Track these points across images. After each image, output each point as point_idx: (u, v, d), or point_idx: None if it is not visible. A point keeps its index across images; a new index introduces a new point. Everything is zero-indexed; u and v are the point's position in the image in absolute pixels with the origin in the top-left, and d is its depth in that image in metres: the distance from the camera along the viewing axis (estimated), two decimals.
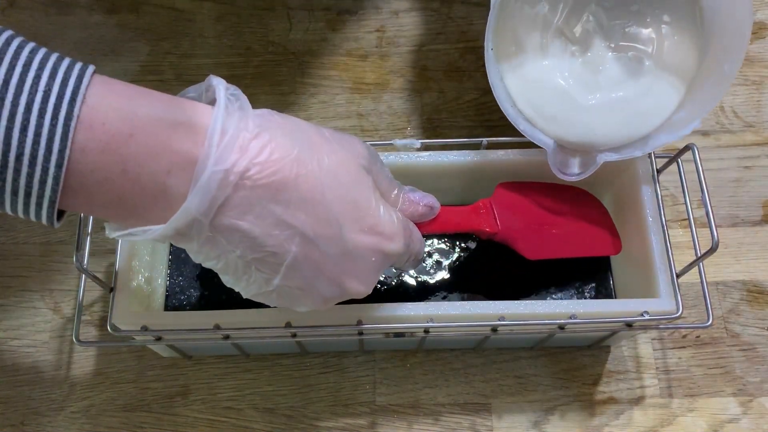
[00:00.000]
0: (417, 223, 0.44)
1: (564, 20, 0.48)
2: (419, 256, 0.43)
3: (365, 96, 0.63)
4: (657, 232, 0.47)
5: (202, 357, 0.54)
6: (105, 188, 0.31)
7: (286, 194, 0.34)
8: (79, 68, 0.31)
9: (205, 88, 0.35)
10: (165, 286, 0.53)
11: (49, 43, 0.64)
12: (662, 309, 0.44)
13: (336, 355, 0.54)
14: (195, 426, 0.52)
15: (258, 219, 0.33)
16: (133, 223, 0.33)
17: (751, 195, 0.59)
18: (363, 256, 0.37)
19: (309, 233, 0.35)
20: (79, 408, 0.52)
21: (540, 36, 0.47)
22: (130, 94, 0.32)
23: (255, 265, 0.35)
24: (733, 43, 0.43)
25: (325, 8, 0.66)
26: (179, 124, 0.32)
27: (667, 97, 0.46)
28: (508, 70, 0.47)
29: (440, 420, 0.52)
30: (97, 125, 0.30)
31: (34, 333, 0.55)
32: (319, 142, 0.36)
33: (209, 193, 0.32)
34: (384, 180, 0.41)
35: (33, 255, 0.57)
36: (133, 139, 0.31)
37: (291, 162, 0.34)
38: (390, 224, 0.38)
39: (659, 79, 0.46)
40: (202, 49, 0.64)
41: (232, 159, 0.32)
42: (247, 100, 0.35)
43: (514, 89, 0.47)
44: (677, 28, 0.47)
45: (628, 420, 0.52)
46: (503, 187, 0.49)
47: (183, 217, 0.32)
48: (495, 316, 0.44)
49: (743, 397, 0.52)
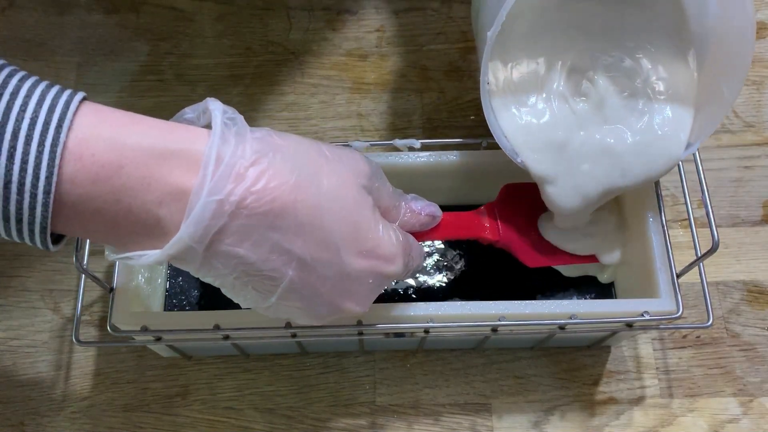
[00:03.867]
0: (419, 231, 0.43)
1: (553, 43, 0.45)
2: (419, 268, 0.43)
3: (365, 96, 0.63)
4: (657, 232, 0.47)
5: (202, 357, 0.54)
6: (98, 217, 0.31)
7: (284, 221, 0.33)
8: (67, 95, 0.31)
9: (203, 110, 0.35)
10: (165, 286, 0.53)
11: (49, 43, 0.64)
12: (662, 309, 0.44)
13: (336, 355, 0.54)
14: (195, 426, 0.52)
15: (255, 245, 0.33)
16: (131, 248, 0.33)
17: (751, 195, 0.59)
18: (361, 278, 0.37)
19: (306, 258, 0.34)
20: (79, 408, 0.52)
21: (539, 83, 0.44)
22: (121, 123, 0.31)
23: (252, 285, 0.35)
24: (733, 66, 0.40)
25: (325, 8, 0.66)
26: (171, 154, 0.31)
27: (675, 135, 0.43)
28: (504, 109, 0.44)
29: (440, 420, 0.52)
30: (87, 156, 0.30)
31: (34, 333, 0.55)
32: (319, 163, 0.36)
33: (203, 222, 0.31)
34: (386, 194, 0.40)
35: (33, 255, 0.57)
36: (124, 171, 0.30)
37: (289, 188, 0.33)
38: (389, 246, 0.38)
39: (664, 115, 0.44)
40: (202, 49, 0.64)
41: (228, 188, 0.31)
42: (245, 123, 0.34)
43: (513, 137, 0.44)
44: (669, 62, 0.44)
45: (629, 420, 0.52)
46: (508, 189, 0.49)
47: (177, 245, 0.32)
48: (495, 316, 0.44)
49: (743, 397, 0.52)
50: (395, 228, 0.40)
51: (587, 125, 0.44)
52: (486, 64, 0.40)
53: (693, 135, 0.44)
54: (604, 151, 0.43)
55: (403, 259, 0.39)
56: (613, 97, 0.44)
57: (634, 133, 0.44)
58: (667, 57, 0.44)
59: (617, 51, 0.45)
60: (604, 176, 0.44)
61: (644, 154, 0.43)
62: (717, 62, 0.42)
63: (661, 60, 0.44)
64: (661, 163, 0.43)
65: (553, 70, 0.45)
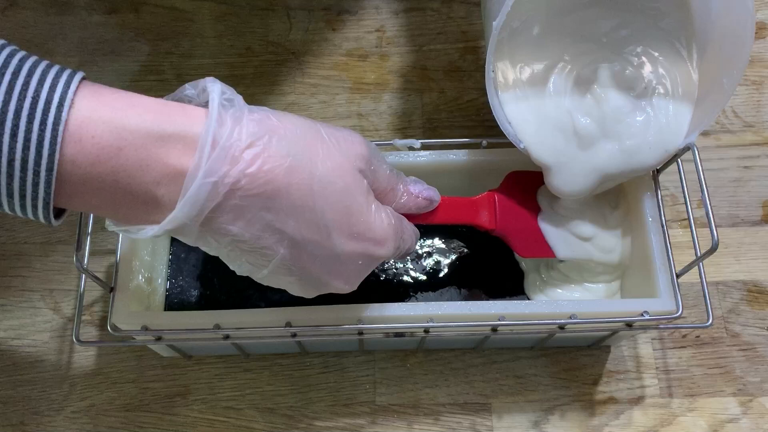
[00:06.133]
0: (415, 214, 0.44)
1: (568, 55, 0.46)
2: (411, 250, 0.43)
3: (365, 96, 0.63)
4: (657, 232, 0.47)
5: (202, 357, 0.54)
6: (98, 195, 0.32)
7: (276, 202, 0.34)
8: (67, 75, 0.31)
9: (202, 88, 0.35)
10: (165, 286, 0.53)
11: (49, 43, 0.64)
12: (662, 309, 0.44)
13: (336, 355, 0.54)
14: (195, 426, 0.52)
15: (248, 224, 0.34)
16: (131, 221, 0.34)
17: (751, 195, 0.59)
18: (351, 259, 0.38)
19: (298, 238, 0.36)
20: (79, 408, 0.52)
21: (544, 68, 0.46)
22: (121, 104, 0.32)
23: (245, 258, 0.36)
24: (733, 58, 0.42)
25: (325, 8, 0.66)
26: (169, 136, 0.32)
27: (675, 126, 0.45)
28: (510, 100, 0.46)
29: (440, 420, 0.52)
30: (87, 138, 0.31)
31: (34, 333, 0.55)
32: (315, 145, 0.36)
33: (198, 202, 0.32)
34: (382, 177, 0.41)
35: (33, 255, 0.57)
36: (123, 153, 0.31)
37: (284, 171, 0.34)
38: (380, 230, 0.39)
39: (664, 109, 0.46)
40: (202, 49, 0.64)
41: (223, 170, 0.32)
42: (243, 103, 0.35)
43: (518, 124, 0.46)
44: (671, 63, 0.46)
45: (628, 420, 0.52)
46: (513, 177, 0.49)
47: (173, 222, 0.33)
48: (495, 316, 0.44)
49: (743, 397, 0.52)
50: (389, 211, 0.40)
51: (590, 116, 0.45)
52: (491, 53, 0.42)
53: (692, 125, 0.45)
54: (605, 140, 0.45)
55: (394, 242, 0.40)
56: (615, 94, 0.45)
57: (635, 125, 0.45)
58: (669, 58, 0.46)
59: (622, 53, 0.46)
60: (603, 164, 0.45)
61: (643, 144, 0.45)
62: (718, 56, 0.44)
63: (662, 60, 0.46)
64: (661, 151, 0.45)
65: (560, 69, 0.46)
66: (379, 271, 0.53)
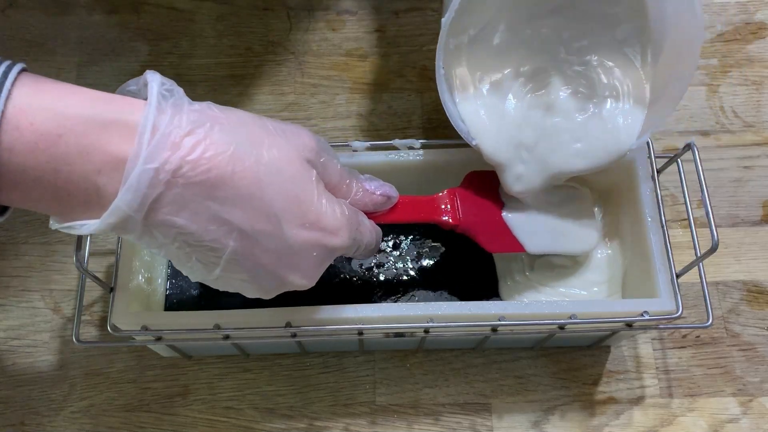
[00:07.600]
0: (375, 212, 0.43)
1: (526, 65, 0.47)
2: (371, 245, 0.43)
3: (365, 96, 0.63)
4: (657, 232, 0.47)
5: (202, 357, 0.54)
6: (38, 186, 0.31)
7: (222, 191, 0.34)
8: (6, 66, 0.31)
9: (144, 83, 0.35)
10: (165, 286, 0.53)
11: (49, 43, 0.64)
12: (662, 309, 0.44)
13: (336, 355, 0.54)
14: (195, 426, 0.52)
15: (194, 215, 0.33)
16: (73, 217, 0.33)
17: (751, 195, 0.59)
18: (304, 250, 0.37)
19: (247, 229, 0.35)
20: (79, 408, 0.52)
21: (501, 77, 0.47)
22: (60, 93, 0.32)
23: (195, 257, 0.36)
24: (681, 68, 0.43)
25: (325, 8, 0.66)
26: (110, 123, 0.32)
27: (625, 129, 0.46)
28: (465, 99, 0.47)
29: (440, 420, 0.52)
30: (25, 125, 0.30)
31: (34, 333, 0.55)
32: (260, 135, 0.36)
33: (139, 191, 0.32)
34: (333, 170, 0.40)
35: (33, 255, 0.57)
36: (63, 140, 0.31)
37: (227, 159, 0.33)
38: (333, 219, 0.38)
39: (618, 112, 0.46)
40: (202, 49, 0.64)
41: (163, 157, 0.32)
42: (184, 95, 0.35)
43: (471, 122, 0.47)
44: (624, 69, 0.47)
45: (628, 420, 0.52)
46: (472, 176, 0.49)
47: (115, 214, 0.32)
48: (495, 316, 0.44)
49: (743, 397, 0.52)
50: (342, 202, 0.40)
51: (543, 117, 0.47)
52: (441, 49, 0.42)
53: (645, 126, 0.46)
54: (558, 142, 0.46)
55: (348, 233, 0.39)
56: (569, 100, 0.47)
57: (587, 128, 0.46)
58: (622, 67, 0.47)
59: (578, 60, 0.47)
60: (555, 164, 0.46)
61: (596, 145, 0.46)
62: (670, 60, 0.45)
63: (615, 69, 0.47)
64: (614, 151, 0.46)
65: (517, 75, 0.47)
66: (378, 271, 0.53)
